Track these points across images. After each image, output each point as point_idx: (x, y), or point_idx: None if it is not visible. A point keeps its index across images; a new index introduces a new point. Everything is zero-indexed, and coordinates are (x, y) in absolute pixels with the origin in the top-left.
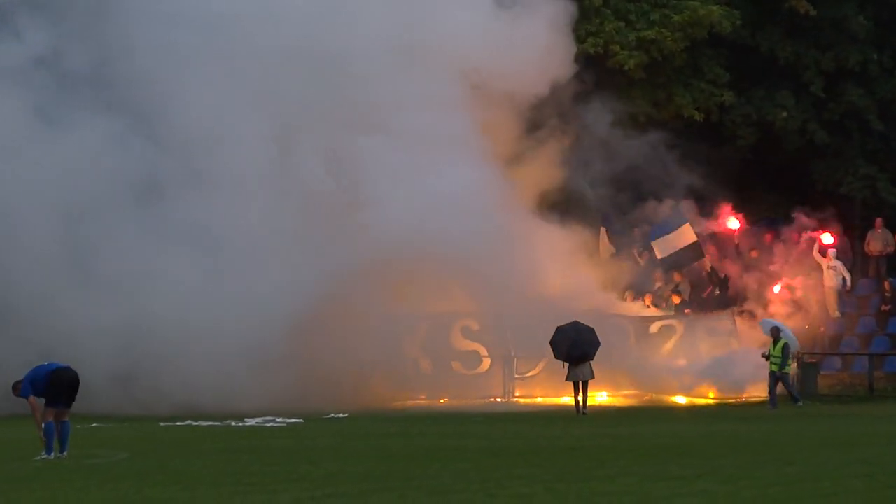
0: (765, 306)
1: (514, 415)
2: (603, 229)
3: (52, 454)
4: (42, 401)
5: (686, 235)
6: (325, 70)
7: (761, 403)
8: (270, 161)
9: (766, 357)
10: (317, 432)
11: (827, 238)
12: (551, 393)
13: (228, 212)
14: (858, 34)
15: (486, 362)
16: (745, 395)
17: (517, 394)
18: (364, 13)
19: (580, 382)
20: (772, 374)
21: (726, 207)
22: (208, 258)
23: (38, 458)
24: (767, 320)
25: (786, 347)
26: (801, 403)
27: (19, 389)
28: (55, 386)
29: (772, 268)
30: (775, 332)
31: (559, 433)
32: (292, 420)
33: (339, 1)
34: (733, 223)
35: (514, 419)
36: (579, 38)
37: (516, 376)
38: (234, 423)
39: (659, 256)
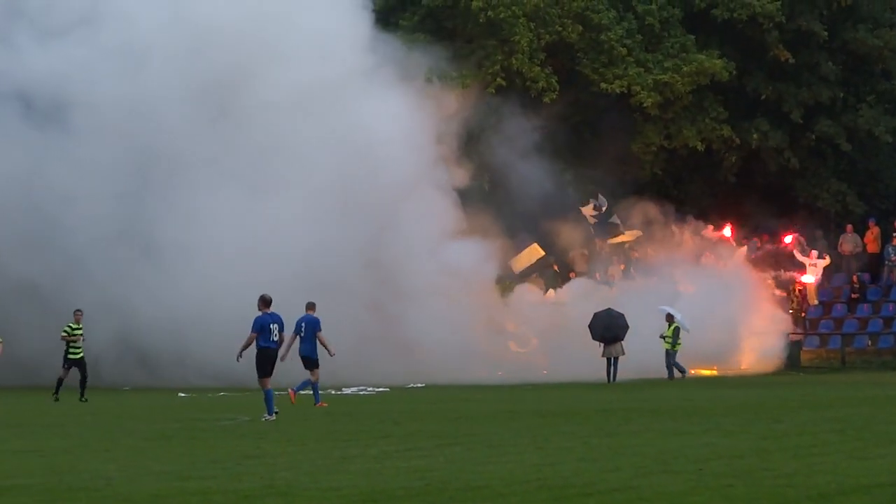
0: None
1: (557, 384)
2: None
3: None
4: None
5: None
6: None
7: (755, 375)
8: None
9: (664, 337)
10: (400, 399)
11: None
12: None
13: None
14: (828, 76)
15: (535, 341)
16: (742, 367)
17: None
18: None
19: (612, 358)
20: (667, 352)
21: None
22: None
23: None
24: (664, 307)
25: (677, 330)
26: (676, 378)
27: None
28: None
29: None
30: (669, 318)
31: (594, 398)
32: (381, 389)
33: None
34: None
35: (557, 388)
36: (607, 81)
37: None
38: (333, 392)
39: None
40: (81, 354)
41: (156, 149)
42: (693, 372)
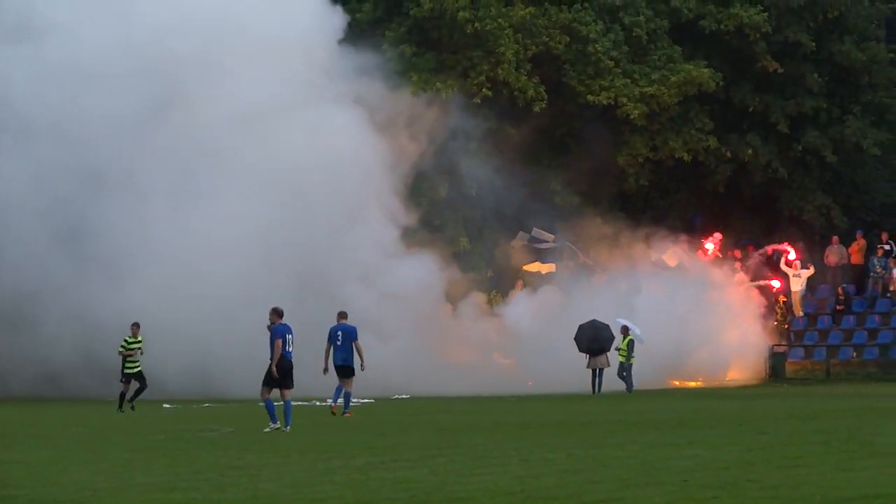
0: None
1: (541, 396)
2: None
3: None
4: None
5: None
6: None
7: (739, 387)
8: None
9: (618, 349)
10: (384, 410)
11: (791, 254)
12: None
13: None
14: (813, 88)
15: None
16: (726, 379)
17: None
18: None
19: (597, 370)
20: (620, 363)
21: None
22: None
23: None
24: (620, 320)
25: (631, 343)
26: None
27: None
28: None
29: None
30: (625, 330)
31: (578, 410)
32: (365, 400)
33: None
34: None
35: (542, 400)
36: (594, 92)
37: None
38: (317, 403)
39: None
40: (139, 368)
41: (99, 163)
42: (678, 384)
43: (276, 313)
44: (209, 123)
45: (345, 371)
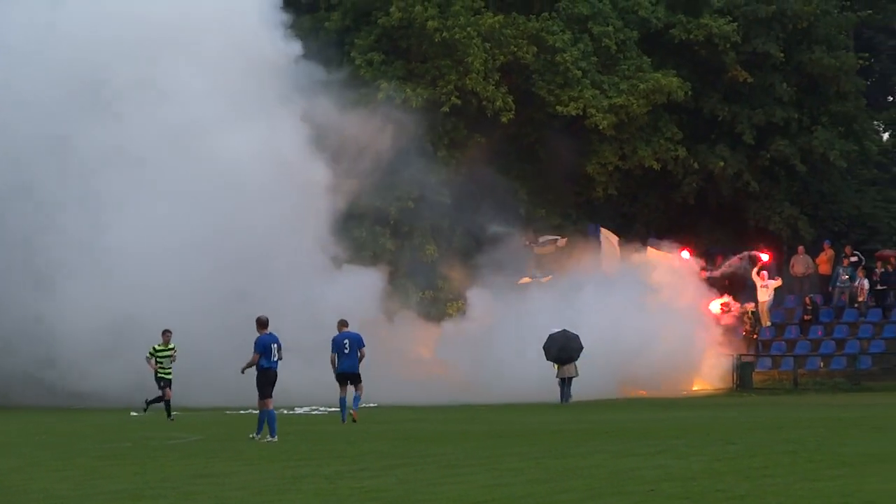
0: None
1: (509, 405)
2: None
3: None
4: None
5: None
6: None
7: (707, 396)
8: None
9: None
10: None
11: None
12: None
13: None
14: (783, 97)
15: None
16: (693, 388)
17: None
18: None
19: (566, 379)
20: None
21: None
22: None
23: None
24: (554, 329)
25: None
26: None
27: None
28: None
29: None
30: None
31: (546, 419)
32: (333, 409)
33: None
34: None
35: (510, 409)
36: (562, 103)
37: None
38: (285, 412)
39: None
40: (170, 375)
41: (22, 174)
42: (643, 394)
43: (261, 323)
44: (140, 136)
45: (353, 378)
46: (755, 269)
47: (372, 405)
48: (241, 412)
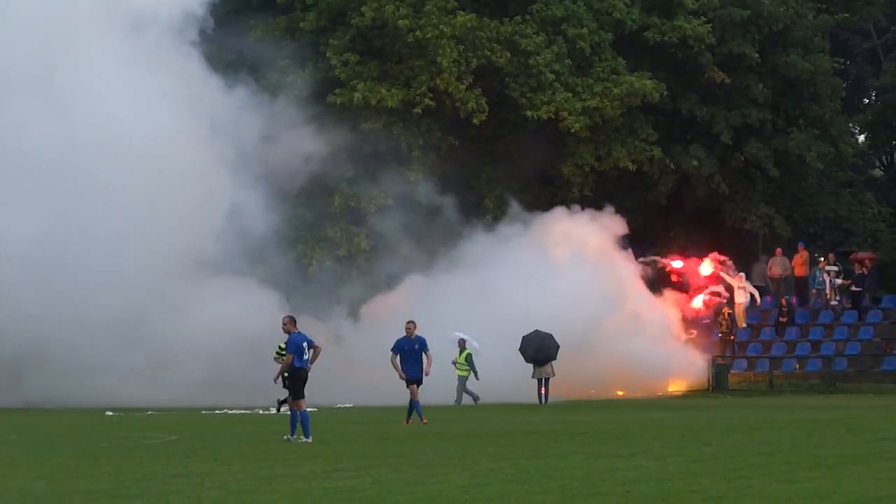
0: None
1: (486, 406)
2: None
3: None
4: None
5: None
6: None
7: (683, 396)
8: None
9: (455, 363)
10: (327, 419)
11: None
12: None
13: None
14: (758, 98)
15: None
16: (669, 389)
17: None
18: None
19: (543, 379)
20: (459, 377)
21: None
22: None
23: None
24: (457, 333)
25: (469, 356)
26: (466, 403)
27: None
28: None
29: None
30: (461, 343)
31: (522, 420)
32: (309, 409)
33: None
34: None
35: (486, 409)
36: (535, 107)
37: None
38: (261, 412)
39: None
40: None
41: None
42: (621, 394)
43: (293, 321)
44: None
45: (416, 381)
46: (729, 274)
47: (347, 405)
48: (260, 412)
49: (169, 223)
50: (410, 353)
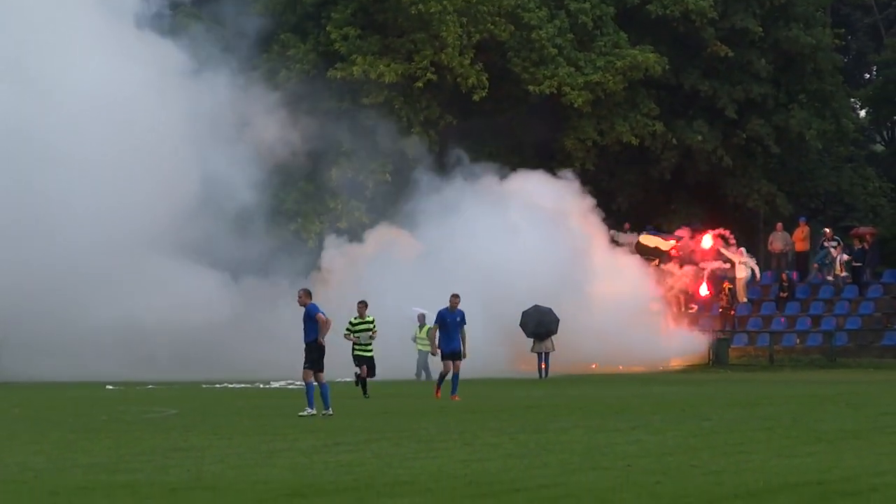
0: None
1: (486, 380)
2: None
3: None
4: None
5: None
6: None
7: (683, 371)
8: None
9: (414, 339)
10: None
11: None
12: None
13: None
14: (760, 73)
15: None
16: (670, 365)
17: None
18: None
19: (543, 354)
20: (420, 352)
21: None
22: None
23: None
24: (416, 308)
25: (430, 331)
26: (422, 379)
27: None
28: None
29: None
30: (421, 319)
31: (522, 395)
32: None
33: None
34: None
35: (486, 384)
36: (537, 81)
37: None
38: (261, 386)
39: None
40: (370, 353)
41: None
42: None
43: (307, 294)
44: None
45: (454, 355)
46: (730, 249)
47: (348, 380)
48: (260, 386)
49: (136, 199)
50: (452, 326)
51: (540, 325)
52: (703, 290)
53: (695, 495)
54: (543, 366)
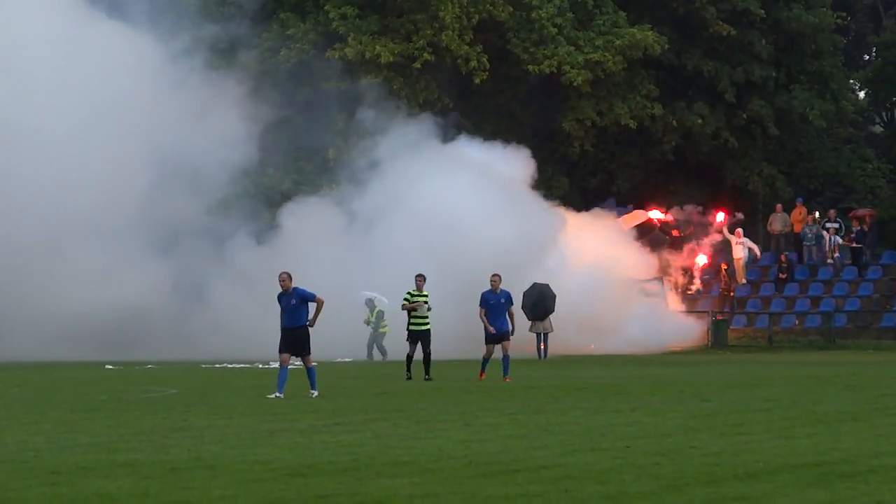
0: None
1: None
2: None
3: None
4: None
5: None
6: None
7: (682, 353)
8: None
9: (367, 322)
10: (328, 373)
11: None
12: None
13: None
14: (761, 54)
15: None
16: (668, 347)
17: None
18: None
19: (542, 334)
20: (381, 334)
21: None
22: None
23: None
24: (364, 293)
25: (380, 314)
26: (377, 360)
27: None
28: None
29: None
30: (370, 303)
31: (521, 375)
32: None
33: None
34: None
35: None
36: (537, 61)
37: None
38: (260, 366)
39: None
40: (427, 327)
41: None
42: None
43: (289, 277)
44: None
45: (501, 336)
46: (727, 229)
47: (347, 360)
48: (260, 366)
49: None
50: (496, 307)
51: (537, 304)
52: (702, 259)
53: (694, 476)
54: (542, 346)
